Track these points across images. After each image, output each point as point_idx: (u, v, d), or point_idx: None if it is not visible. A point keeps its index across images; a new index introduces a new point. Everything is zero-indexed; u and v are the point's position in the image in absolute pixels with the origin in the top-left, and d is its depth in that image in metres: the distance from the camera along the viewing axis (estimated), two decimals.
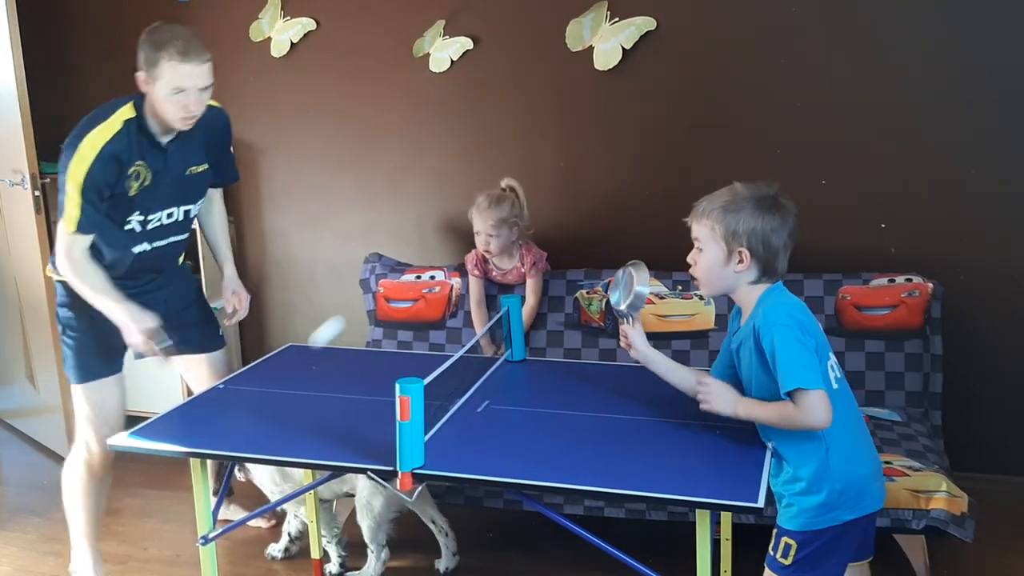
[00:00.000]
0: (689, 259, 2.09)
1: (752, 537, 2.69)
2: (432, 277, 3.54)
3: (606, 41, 3.46)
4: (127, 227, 2.65)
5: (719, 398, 2.06)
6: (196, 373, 2.98)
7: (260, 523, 3.28)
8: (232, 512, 3.23)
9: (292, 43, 3.86)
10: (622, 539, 2.11)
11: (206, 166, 2.78)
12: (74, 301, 2.73)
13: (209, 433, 2.36)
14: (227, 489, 2.67)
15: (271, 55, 3.90)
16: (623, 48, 3.45)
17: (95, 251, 2.64)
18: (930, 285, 3.13)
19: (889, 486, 2.54)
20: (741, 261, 2.01)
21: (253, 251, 4.15)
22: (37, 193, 3.62)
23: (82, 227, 2.54)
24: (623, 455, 2.12)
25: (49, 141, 3.82)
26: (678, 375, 2.24)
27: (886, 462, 2.64)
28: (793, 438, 1.99)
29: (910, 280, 3.16)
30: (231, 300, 2.89)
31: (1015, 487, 3.32)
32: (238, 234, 4.14)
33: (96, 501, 2.88)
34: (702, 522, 1.95)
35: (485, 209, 3.24)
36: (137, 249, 2.70)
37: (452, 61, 3.68)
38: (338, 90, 3.89)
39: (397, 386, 1.96)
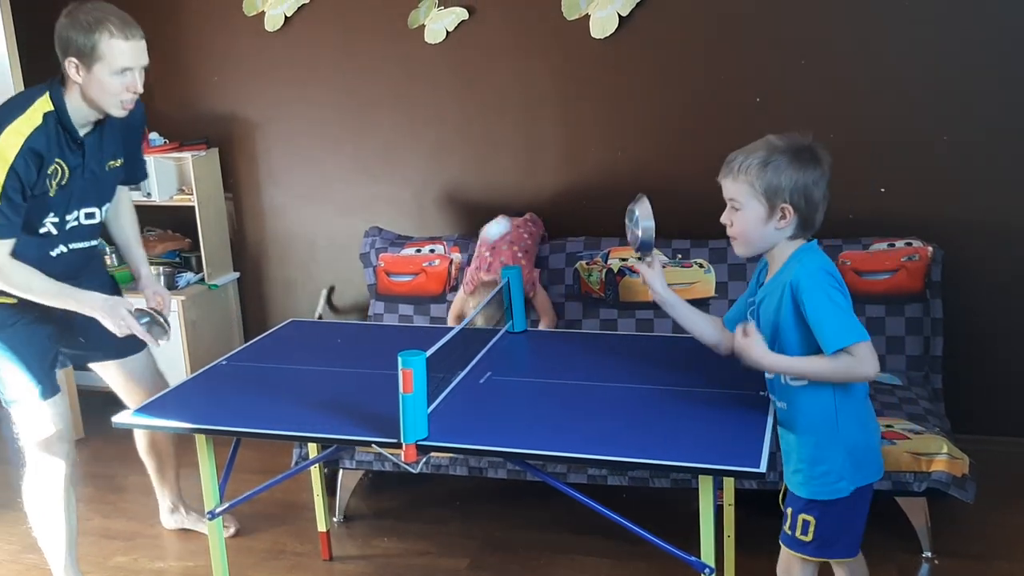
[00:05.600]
0: (723, 219, 1.97)
1: (755, 502, 2.71)
2: (432, 251, 3.53)
3: (602, 9, 3.44)
4: (42, 230, 2.46)
5: (759, 348, 1.93)
6: (115, 379, 2.84)
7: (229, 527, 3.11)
8: (193, 521, 3.13)
9: (286, 17, 3.83)
10: (626, 506, 2.13)
11: (122, 160, 2.59)
12: (3, 320, 2.51)
13: (213, 409, 2.37)
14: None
15: (265, 29, 3.87)
16: (619, 15, 3.42)
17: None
18: (930, 249, 3.13)
19: (890, 449, 2.56)
20: (783, 217, 1.90)
21: (252, 228, 4.15)
22: None
23: (3, 232, 2.33)
24: (625, 423, 2.13)
25: None
26: (698, 322, 2.15)
27: (887, 426, 2.65)
28: (806, 399, 1.95)
29: (910, 244, 3.16)
30: (154, 299, 2.64)
31: (1016, 448, 3.34)
32: (236, 211, 4.14)
33: (69, 520, 2.67)
34: (705, 488, 1.96)
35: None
36: (55, 252, 2.52)
37: (447, 32, 3.65)
38: (333, 63, 3.86)
39: (400, 359, 1.97)
